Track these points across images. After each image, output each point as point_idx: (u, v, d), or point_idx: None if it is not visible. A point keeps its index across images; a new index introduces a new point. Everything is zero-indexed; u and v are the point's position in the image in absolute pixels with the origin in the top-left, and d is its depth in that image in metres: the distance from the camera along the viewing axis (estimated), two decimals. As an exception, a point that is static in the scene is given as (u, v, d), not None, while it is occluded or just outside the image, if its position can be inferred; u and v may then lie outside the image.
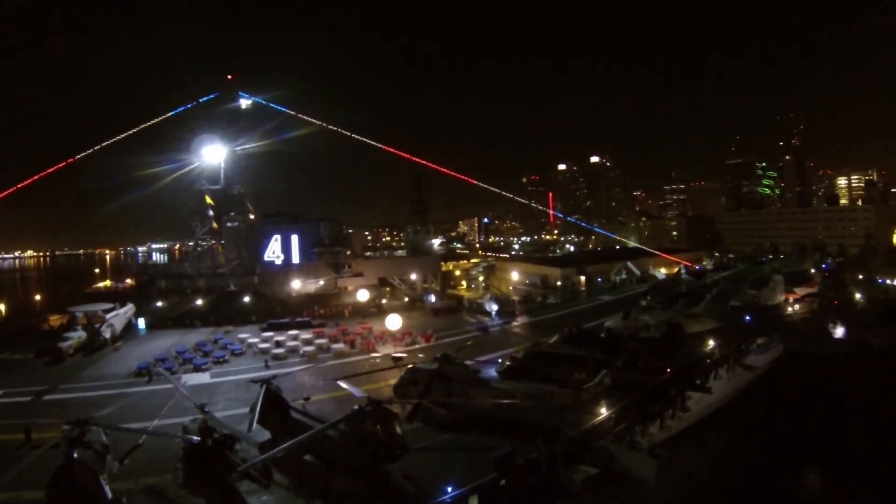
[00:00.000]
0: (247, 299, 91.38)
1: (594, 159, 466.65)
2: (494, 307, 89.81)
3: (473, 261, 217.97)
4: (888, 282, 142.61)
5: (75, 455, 25.26)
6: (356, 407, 28.94)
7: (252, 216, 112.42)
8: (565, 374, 46.94)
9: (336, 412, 42.86)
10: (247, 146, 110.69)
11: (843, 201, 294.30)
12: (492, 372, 53.62)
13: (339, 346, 68.10)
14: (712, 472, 43.67)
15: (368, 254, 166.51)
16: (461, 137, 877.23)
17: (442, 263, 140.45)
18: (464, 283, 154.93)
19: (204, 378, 55.97)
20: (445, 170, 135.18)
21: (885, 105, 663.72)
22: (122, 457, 28.31)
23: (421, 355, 48.13)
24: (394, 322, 67.88)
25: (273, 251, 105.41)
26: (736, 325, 72.05)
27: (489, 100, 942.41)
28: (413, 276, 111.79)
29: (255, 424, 28.11)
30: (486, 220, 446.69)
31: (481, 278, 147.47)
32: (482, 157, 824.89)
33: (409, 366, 45.01)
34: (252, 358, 64.67)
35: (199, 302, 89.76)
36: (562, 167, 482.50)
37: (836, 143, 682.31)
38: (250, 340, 71.23)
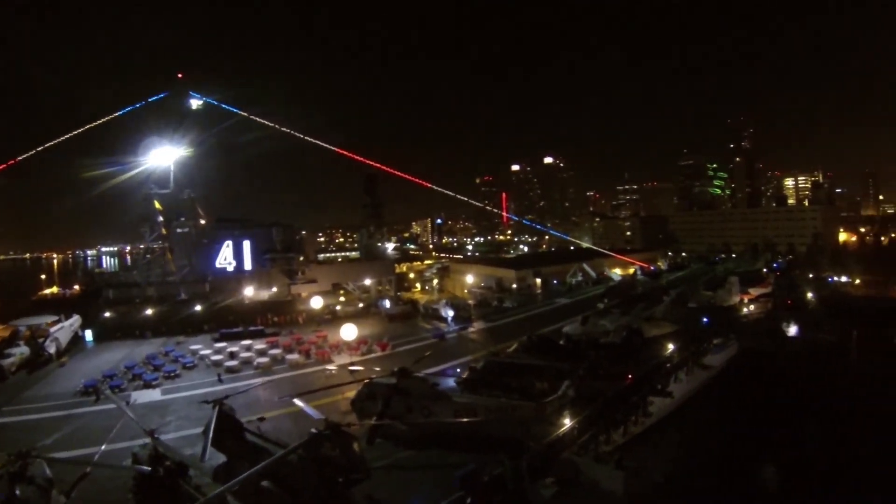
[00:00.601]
0: (198, 308, 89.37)
1: (548, 160, 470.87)
2: (450, 313, 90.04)
3: (427, 262, 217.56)
4: (837, 279, 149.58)
5: (17, 492, 24.05)
6: (314, 430, 28.53)
7: (203, 221, 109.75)
8: (526, 385, 47.20)
9: (293, 430, 42.70)
10: (198, 148, 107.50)
11: (791, 201, 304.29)
12: (451, 382, 53.72)
13: (294, 356, 67.09)
14: (671, 472, 44.91)
15: (322, 256, 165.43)
16: (415, 138, 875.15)
17: (395, 265, 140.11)
18: (418, 285, 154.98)
19: (155, 395, 54.40)
20: (398, 172, 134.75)
21: (830, 109, 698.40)
22: (69, 490, 26.86)
23: (377, 369, 47.43)
24: (349, 332, 67.26)
25: (225, 258, 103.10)
26: (694, 328, 73.74)
27: (442, 100, 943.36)
28: (367, 281, 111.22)
29: (209, 449, 27.46)
30: (438, 220, 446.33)
31: (435, 281, 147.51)
32: (435, 158, 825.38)
33: (367, 380, 44.38)
34: (204, 371, 63.18)
35: (149, 312, 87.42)
36: (515, 168, 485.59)
37: (784, 146, 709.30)
38: (202, 352, 69.74)
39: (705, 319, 79.70)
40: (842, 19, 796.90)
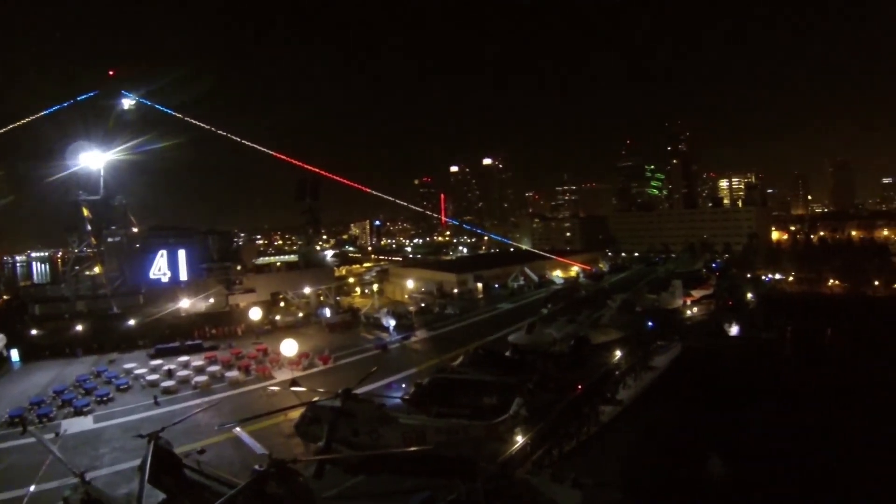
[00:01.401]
0: (132, 322, 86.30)
1: (487, 161, 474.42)
2: (392, 322, 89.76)
3: (366, 265, 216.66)
4: (772, 277, 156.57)
5: None
6: (257, 467, 28.17)
7: (135, 230, 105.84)
8: (476, 403, 47.48)
9: (235, 459, 42.17)
10: (130, 151, 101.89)
11: (726, 202, 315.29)
12: (396, 398, 53.62)
13: (234, 374, 65.68)
14: (622, 473, 46.17)
15: (261, 259, 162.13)
16: (354, 139, 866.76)
17: (335, 270, 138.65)
18: (357, 289, 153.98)
19: (87, 423, 52.02)
20: (334, 176, 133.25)
21: (762, 113, 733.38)
22: None
23: (321, 390, 46.66)
24: (289, 348, 66.26)
25: (159, 268, 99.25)
26: (640, 333, 75.74)
27: (382, 102, 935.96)
28: (307, 290, 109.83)
29: (146, 487, 26.66)
30: (377, 222, 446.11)
31: (376, 286, 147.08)
32: (374, 159, 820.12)
33: (312, 401, 43.52)
34: (140, 393, 61.06)
35: (80, 328, 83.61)
36: (454, 169, 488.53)
37: (719, 149, 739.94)
38: (137, 371, 67.41)
39: (650, 323, 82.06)
40: (773, 28, 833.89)
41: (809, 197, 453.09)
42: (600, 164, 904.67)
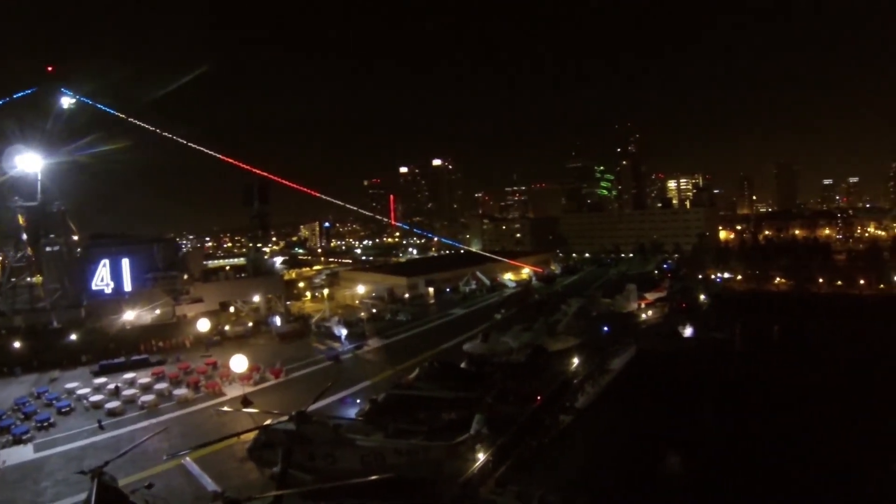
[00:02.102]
0: (74, 337, 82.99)
1: (436, 162, 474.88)
2: (343, 331, 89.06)
3: (316, 268, 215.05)
4: (722, 276, 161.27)
5: None
6: (210, 506, 27.60)
7: (76, 238, 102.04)
8: (434, 419, 47.24)
9: (186, 490, 41.12)
10: (70, 154, 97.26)
11: (674, 202, 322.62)
12: (351, 414, 53.17)
13: (182, 391, 64.16)
14: (582, 474, 46.95)
15: (210, 263, 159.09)
16: (303, 141, 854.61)
17: (285, 268, 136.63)
18: (308, 293, 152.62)
19: (26, 453, 49.27)
20: (282, 180, 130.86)
21: (709, 116, 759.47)
22: None
23: (275, 412, 45.59)
24: (239, 363, 64.68)
25: (101, 278, 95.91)
26: (596, 339, 77.11)
27: (331, 103, 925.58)
28: (256, 298, 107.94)
29: None
30: (326, 224, 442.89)
31: (326, 290, 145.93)
32: (323, 160, 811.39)
33: (264, 424, 42.48)
34: (83, 416, 58.73)
35: (18, 345, 79.75)
36: (404, 170, 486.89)
37: (667, 150, 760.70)
38: (80, 391, 64.97)
39: (606, 328, 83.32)
40: (718, 32, 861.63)
41: (754, 197, 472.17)
42: (550, 165, 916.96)
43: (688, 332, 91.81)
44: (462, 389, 53.02)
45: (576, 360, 67.54)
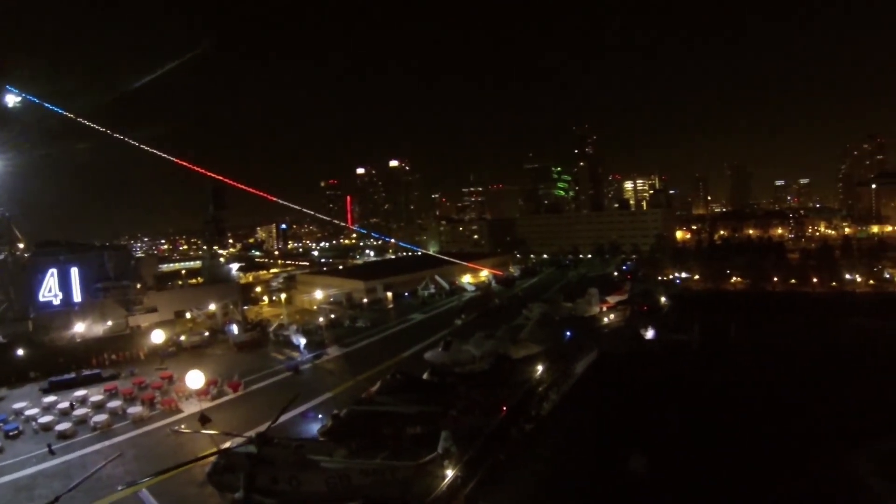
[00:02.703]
0: (21, 352, 79.72)
1: (393, 163, 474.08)
2: (302, 341, 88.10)
3: (273, 271, 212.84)
4: (679, 275, 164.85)
5: None
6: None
7: (21, 246, 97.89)
8: (398, 435, 46.98)
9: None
10: (14, 156, 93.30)
11: (631, 202, 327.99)
12: (314, 429, 52.63)
13: (137, 409, 62.19)
14: (547, 478, 47.38)
15: (165, 266, 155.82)
16: (259, 142, 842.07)
17: (241, 275, 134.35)
18: (265, 298, 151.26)
19: None
20: (238, 184, 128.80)
21: (663, 119, 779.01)
22: None
23: (237, 436, 44.57)
24: (195, 380, 63.11)
25: (49, 289, 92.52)
26: (559, 346, 77.67)
27: (289, 104, 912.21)
28: (212, 306, 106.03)
29: None
30: (283, 226, 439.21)
31: (284, 295, 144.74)
32: (280, 161, 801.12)
33: (224, 447, 41.60)
34: (32, 440, 56.27)
35: (-40, 362, 76.31)
36: (360, 171, 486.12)
37: (624, 151, 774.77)
38: (29, 412, 62.47)
39: (568, 333, 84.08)
40: (674, 36, 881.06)
41: (709, 197, 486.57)
42: (507, 166, 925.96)
43: (649, 334, 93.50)
44: (425, 402, 53.01)
45: (540, 368, 67.96)
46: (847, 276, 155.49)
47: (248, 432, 44.84)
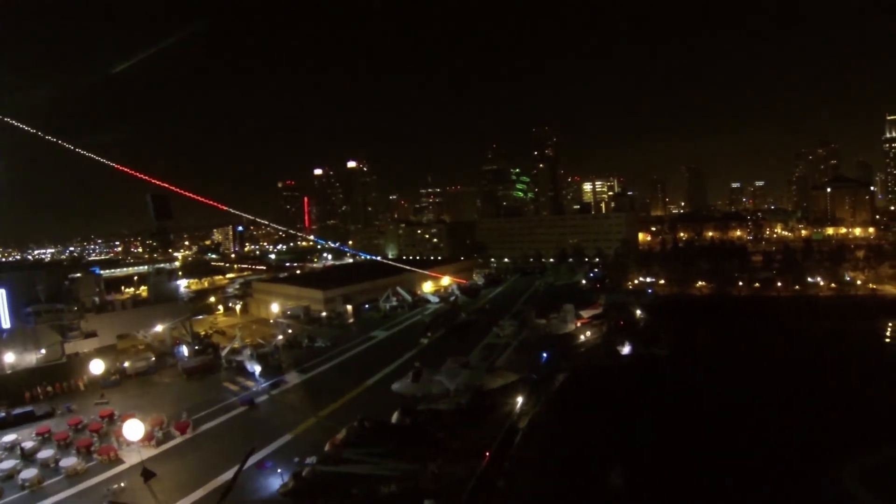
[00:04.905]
0: (-60, 389, 71.65)
1: (351, 164, 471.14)
2: (257, 368, 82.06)
3: (229, 275, 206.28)
4: (644, 279, 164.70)
5: None
6: None
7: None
8: (372, 497, 42.56)
9: None
10: None
11: (591, 204, 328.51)
12: (273, 485, 47.59)
13: (71, 460, 55.22)
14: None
15: (117, 271, 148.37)
16: (213, 141, 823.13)
17: (195, 282, 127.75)
18: (220, 307, 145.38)
19: None
20: (187, 193, 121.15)
21: (621, 121, 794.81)
22: None
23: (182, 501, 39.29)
24: (133, 431, 57.12)
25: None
26: (537, 371, 73.54)
27: (244, 104, 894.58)
28: (159, 328, 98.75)
29: None
30: (240, 228, 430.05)
31: (238, 306, 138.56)
32: (236, 161, 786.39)
33: None
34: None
35: None
36: (318, 172, 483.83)
37: (583, 153, 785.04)
38: (-55, 467, 54.93)
39: (545, 355, 79.95)
40: (632, 41, 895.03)
41: (667, 199, 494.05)
42: (465, 167, 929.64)
43: (626, 349, 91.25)
44: (400, 455, 48.42)
45: (519, 400, 63.79)
46: (809, 280, 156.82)
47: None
